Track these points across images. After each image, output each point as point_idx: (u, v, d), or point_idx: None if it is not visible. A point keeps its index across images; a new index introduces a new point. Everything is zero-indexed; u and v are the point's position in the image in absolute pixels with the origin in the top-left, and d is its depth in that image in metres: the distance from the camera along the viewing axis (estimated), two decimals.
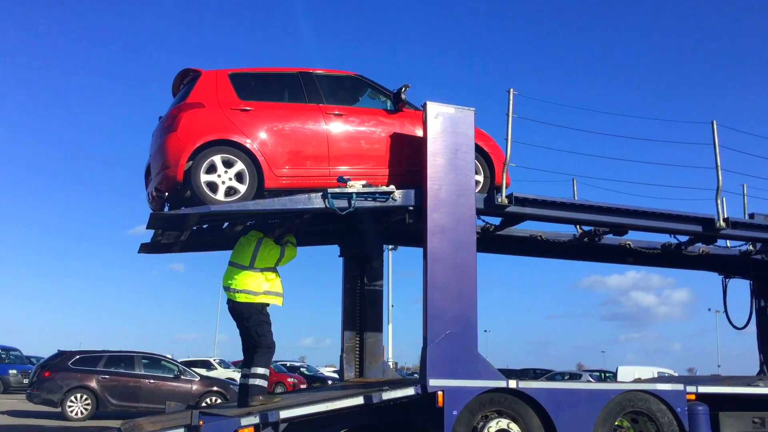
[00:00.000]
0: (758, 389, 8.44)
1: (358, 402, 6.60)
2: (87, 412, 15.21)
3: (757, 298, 11.07)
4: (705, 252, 10.06)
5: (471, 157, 7.40)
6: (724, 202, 8.78)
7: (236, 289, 7.15)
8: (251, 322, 7.15)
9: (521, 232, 9.44)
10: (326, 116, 7.31)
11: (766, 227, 9.28)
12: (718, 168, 8.62)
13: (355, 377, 8.98)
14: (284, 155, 7.01)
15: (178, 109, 7.04)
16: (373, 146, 7.43)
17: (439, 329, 6.91)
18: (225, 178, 6.74)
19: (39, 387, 15.47)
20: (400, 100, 7.62)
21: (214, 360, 30.33)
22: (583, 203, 8.32)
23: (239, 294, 7.15)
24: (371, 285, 9.23)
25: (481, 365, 7.02)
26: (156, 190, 6.99)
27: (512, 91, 7.66)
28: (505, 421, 6.93)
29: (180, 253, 8.89)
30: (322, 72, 7.68)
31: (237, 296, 7.16)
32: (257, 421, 6.16)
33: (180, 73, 7.58)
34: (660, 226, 8.63)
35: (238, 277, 7.18)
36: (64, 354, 16.25)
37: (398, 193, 7.27)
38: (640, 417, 7.64)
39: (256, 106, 7.11)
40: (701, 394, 7.91)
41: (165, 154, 6.78)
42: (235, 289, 7.16)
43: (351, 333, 9.10)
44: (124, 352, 16.77)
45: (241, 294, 7.14)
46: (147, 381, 15.90)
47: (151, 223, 7.05)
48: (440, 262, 7.07)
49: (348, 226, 8.62)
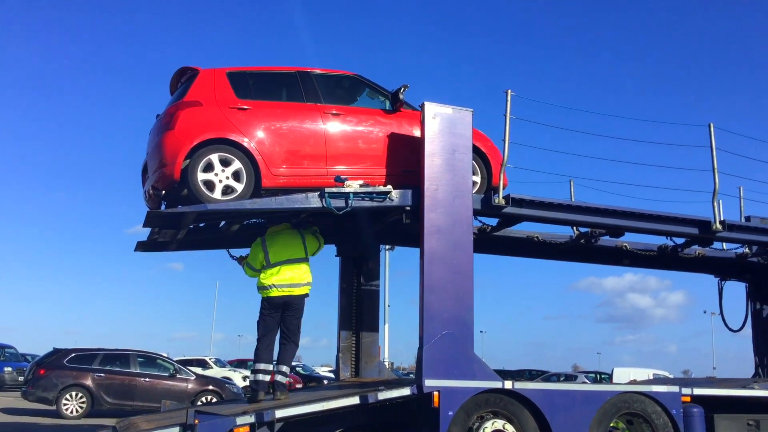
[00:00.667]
0: (753, 391, 8.45)
1: (354, 402, 6.60)
2: (82, 410, 15.20)
3: (752, 300, 11.09)
4: (701, 254, 10.07)
5: (468, 157, 7.40)
6: (721, 204, 8.81)
7: (299, 283, 7.23)
8: (299, 314, 7.30)
9: (518, 233, 9.45)
10: (324, 116, 7.30)
11: (762, 230, 9.29)
12: (715, 170, 8.63)
13: (351, 377, 8.98)
14: (282, 154, 7.00)
15: (175, 107, 7.03)
16: (371, 146, 7.42)
17: (435, 330, 6.91)
18: (222, 176, 6.73)
19: (34, 385, 15.46)
20: (398, 100, 7.62)
21: (210, 359, 30.29)
22: (579, 205, 8.33)
23: (302, 287, 7.26)
24: (368, 285, 9.22)
25: (476, 366, 7.02)
26: (153, 188, 6.98)
27: (510, 92, 7.67)
28: (501, 422, 6.93)
29: (179, 252, 8.90)
30: (320, 71, 7.68)
31: (299, 290, 7.24)
32: (252, 421, 6.14)
33: (178, 71, 7.56)
34: (656, 228, 8.64)
35: (300, 270, 7.25)
36: (60, 352, 16.24)
37: (395, 193, 7.27)
38: (635, 419, 7.64)
39: (254, 105, 7.10)
40: (697, 396, 7.92)
41: (162, 152, 6.77)
42: (298, 284, 7.22)
43: (347, 333, 9.10)
44: (120, 350, 16.76)
45: (303, 287, 7.28)
46: (142, 379, 15.89)
47: (147, 221, 7.04)
48: (437, 263, 7.07)
49: (345, 225, 8.61)
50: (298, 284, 7.24)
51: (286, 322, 7.26)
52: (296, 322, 7.30)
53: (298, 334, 7.32)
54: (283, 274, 7.20)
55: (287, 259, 7.25)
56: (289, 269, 7.22)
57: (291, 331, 7.28)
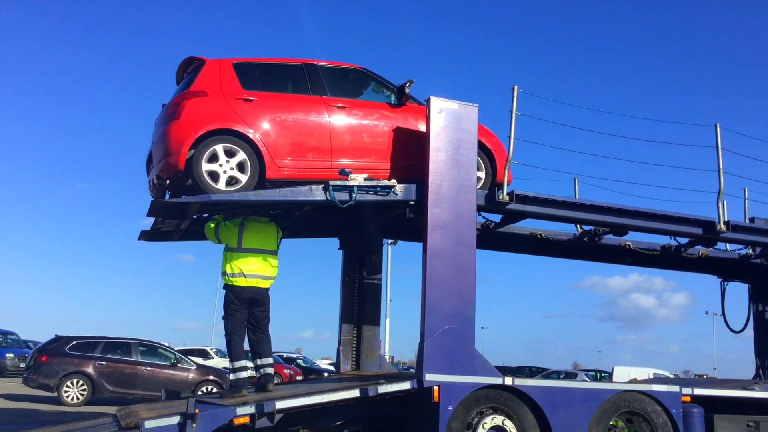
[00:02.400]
0: (754, 393, 8.44)
1: (354, 395, 6.61)
2: (83, 398, 15.24)
3: (755, 302, 11.07)
4: (704, 255, 10.06)
5: (473, 153, 7.39)
6: (725, 205, 8.78)
7: (267, 276, 7.24)
8: (268, 308, 7.32)
9: (521, 230, 9.44)
10: (329, 108, 7.30)
11: (766, 231, 9.26)
12: (720, 171, 8.60)
13: (352, 370, 9.00)
14: (286, 146, 7.00)
15: (181, 97, 7.03)
16: (376, 140, 7.42)
17: (436, 324, 6.91)
18: (227, 167, 6.74)
19: (35, 371, 15.50)
20: (403, 95, 7.61)
21: (211, 349, 30.36)
22: (584, 202, 8.31)
23: (268, 281, 7.28)
24: (370, 278, 9.24)
25: (477, 362, 7.02)
26: (157, 177, 6.99)
27: (516, 88, 7.65)
28: (500, 418, 6.94)
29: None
30: (326, 64, 7.67)
31: (266, 283, 7.25)
32: (253, 411, 6.16)
33: (184, 61, 7.56)
34: (660, 228, 8.62)
35: (269, 263, 7.25)
36: (62, 339, 16.28)
37: (399, 188, 7.27)
38: (635, 417, 7.65)
39: (260, 97, 7.09)
40: (697, 396, 7.92)
41: (167, 142, 6.77)
42: (265, 276, 7.23)
43: (348, 326, 9.12)
44: (122, 338, 16.79)
45: (269, 280, 7.30)
46: (143, 368, 15.93)
47: (151, 210, 7.04)
48: (440, 258, 7.07)
49: (348, 219, 8.61)
50: (265, 276, 7.21)
51: (257, 318, 7.25)
52: (267, 315, 7.33)
53: (268, 325, 7.37)
54: (251, 264, 7.16)
55: (258, 248, 7.24)
56: (257, 260, 7.19)
57: (263, 324, 7.31)
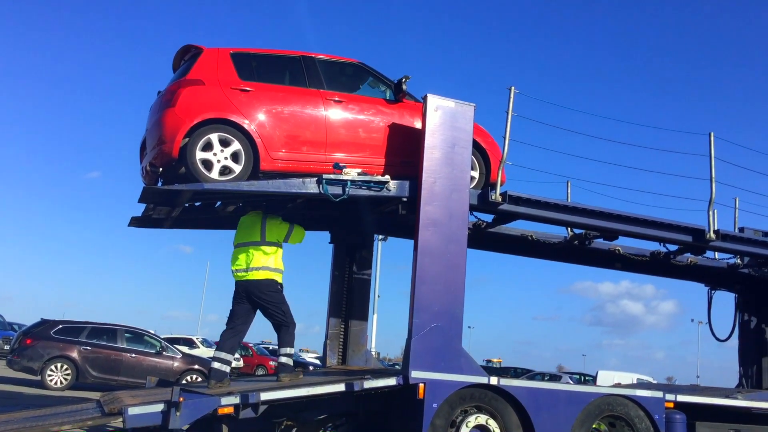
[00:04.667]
0: (736, 401, 8.51)
1: (340, 389, 6.62)
2: (66, 382, 15.18)
3: (741, 311, 11.14)
4: (693, 262, 10.11)
5: (468, 152, 7.40)
6: (716, 214, 8.82)
7: (254, 267, 7.12)
8: (273, 300, 7.15)
9: (512, 231, 9.46)
10: (326, 102, 7.28)
11: (755, 242, 9.32)
12: (713, 180, 8.64)
13: (338, 364, 9.01)
14: (281, 138, 6.98)
15: (177, 84, 7.00)
16: (371, 135, 7.41)
17: (424, 322, 6.92)
18: (221, 156, 6.71)
19: (20, 354, 15.42)
20: (400, 91, 7.60)
21: (197, 338, 30.31)
22: (575, 206, 8.33)
23: (258, 271, 7.12)
24: (359, 273, 9.24)
25: (463, 360, 7.04)
26: (150, 164, 6.97)
27: (513, 89, 7.66)
28: (484, 417, 6.96)
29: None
30: (324, 57, 7.65)
31: (255, 274, 7.11)
32: (237, 402, 6.16)
33: (181, 49, 7.52)
34: (650, 234, 8.65)
35: (255, 254, 7.14)
36: (47, 323, 16.19)
37: (393, 184, 7.27)
38: (617, 421, 7.69)
39: (257, 87, 7.07)
40: (680, 402, 7.97)
41: (162, 130, 6.75)
42: (253, 267, 7.11)
43: (336, 320, 9.12)
44: (108, 324, 16.73)
45: (261, 271, 7.12)
46: (129, 355, 15.90)
47: (143, 197, 7.01)
48: (430, 255, 7.08)
49: (340, 213, 8.61)
50: (250, 268, 7.13)
51: (266, 311, 7.21)
52: (275, 308, 7.16)
53: (285, 316, 7.21)
54: (237, 258, 7.21)
55: (242, 242, 7.25)
56: (241, 251, 7.19)
57: (273, 318, 7.20)
